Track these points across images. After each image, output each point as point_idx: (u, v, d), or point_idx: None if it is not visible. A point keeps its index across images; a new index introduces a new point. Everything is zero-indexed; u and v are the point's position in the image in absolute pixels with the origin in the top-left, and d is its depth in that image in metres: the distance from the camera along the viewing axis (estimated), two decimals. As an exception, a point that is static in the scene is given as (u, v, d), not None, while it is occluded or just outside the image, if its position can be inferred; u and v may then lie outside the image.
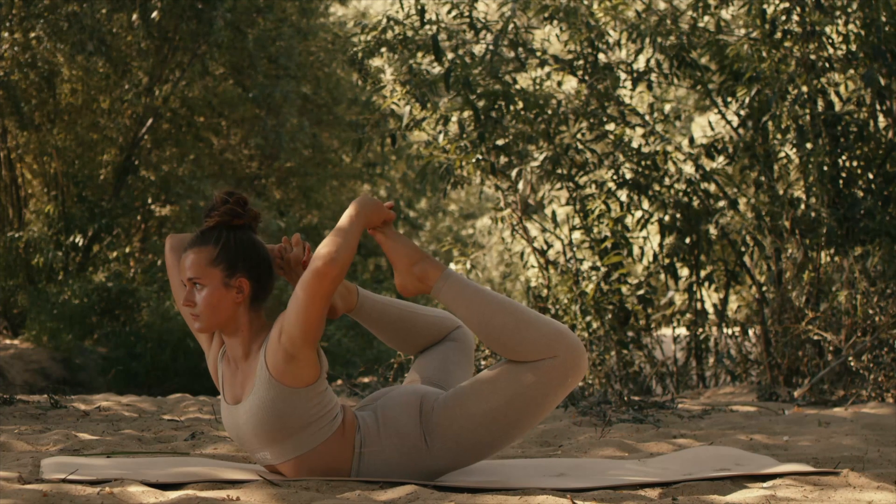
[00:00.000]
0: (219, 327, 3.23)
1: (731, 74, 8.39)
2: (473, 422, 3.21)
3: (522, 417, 3.23)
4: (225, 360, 3.30)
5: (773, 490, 3.07)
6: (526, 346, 3.19)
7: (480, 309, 3.22)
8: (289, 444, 3.17)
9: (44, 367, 13.38)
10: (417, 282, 3.31)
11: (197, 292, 3.19)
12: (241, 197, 3.24)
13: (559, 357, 3.19)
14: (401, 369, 7.72)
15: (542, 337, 3.19)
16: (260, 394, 3.14)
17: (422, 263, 3.30)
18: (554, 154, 8.68)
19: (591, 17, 8.66)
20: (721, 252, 9.09)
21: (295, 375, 3.10)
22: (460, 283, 3.28)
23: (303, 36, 17.97)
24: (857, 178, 8.11)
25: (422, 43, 8.70)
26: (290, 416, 3.13)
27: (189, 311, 3.21)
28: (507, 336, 3.20)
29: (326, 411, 3.17)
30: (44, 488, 2.94)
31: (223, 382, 3.30)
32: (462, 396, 3.24)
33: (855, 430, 4.77)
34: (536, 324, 3.21)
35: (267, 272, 3.24)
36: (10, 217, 16.14)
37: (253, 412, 3.16)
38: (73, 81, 16.15)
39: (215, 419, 5.59)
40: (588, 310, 8.31)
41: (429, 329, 3.55)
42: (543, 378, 3.20)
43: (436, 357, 3.54)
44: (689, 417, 5.72)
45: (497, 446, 3.28)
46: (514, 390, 3.20)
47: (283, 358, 3.09)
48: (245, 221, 3.25)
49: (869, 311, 7.03)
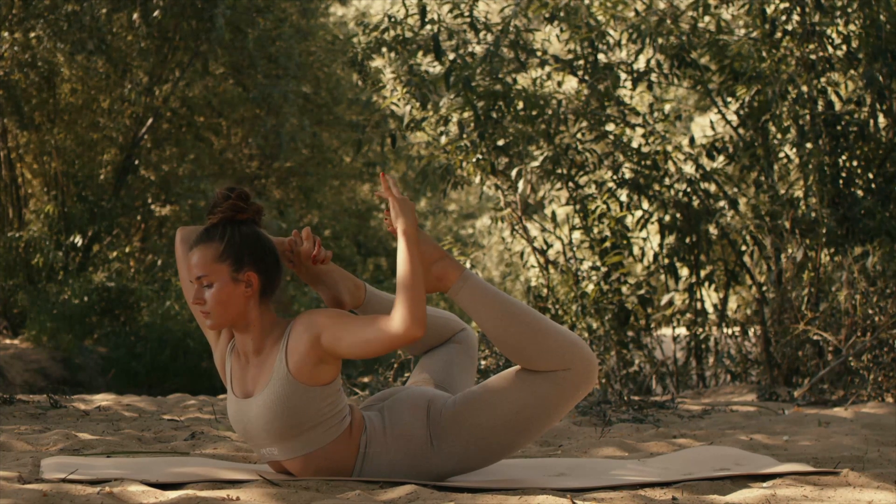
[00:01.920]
0: (230, 323, 3.21)
1: (732, 74, 8.39)
2: (482, 429, 3.21)
3: (532, 426, 3.23)
4: (234, 354, 3.29)
5: (773, 490, 3.07)
6: (542, 357, 3.18)
7: (498, 315, 3.21)
8: (298, 441, 3.17)
9: (44, 366, 13.38)
10: (436, 280, 3.27)
11: (206, 290, 3.18)
12: (242, 191, 3.22)
13: (572, 370, 3.19)
14: (401, 369, 7.72)
15: (558, 348, 3.18)
16: (276, 389, 3.13)
17: (441, 262, 3.28)
18: (554, 154, 8.68)
19: (591, 18, 8.66)
20: (721, 252, 9.09)
21: (315, 376, 3.11)
22: (479, 287, 3.26)
23: (303, 36, 17.97)
24: (857, 178, 8.11)
25: (422, 43, 8.70)
26: (303, 414, 3.12)
27: (199, 308, 3.20)
28: (523, 345, 3.19)
29: (337, 410, 3.17)
30: (44, 488, 2.94)
31: (231, 376, 3.29)
32: (472, 402, 3.23)
33: (855, 430, 4.77)
34: (553, 334, 3.20)
35: (274, 265, 3.22)
36: (10, 217, 16.14)
37: (267, 407, 3.15)
38: (73, 81, 16.15)
39: (215, 419, 5.59)
40: (588, 310, 8.31)
41: (435, 330, 3.53)
42: (556, 389, 3.19)
43: (440, 359, 3.53)
44: (689, 417, 5.72)
45: (504, 453, 3.28)
46: (525, 401, 3.19)
47: (312, 361, 3.09)
48: (248, 216, 3.23)
49: (868, 311, 7.03)
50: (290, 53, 17.31)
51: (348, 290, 3.39)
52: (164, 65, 16.44)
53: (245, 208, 3.21)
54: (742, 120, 8.56)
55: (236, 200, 3.20)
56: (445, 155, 8.65)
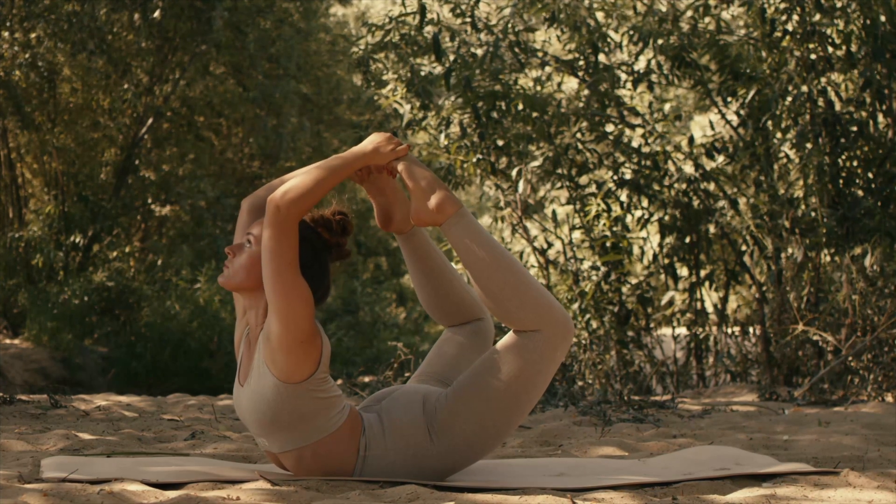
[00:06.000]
0: (236, 289, 3.23)
1: (732, 74, 8.39)
2: (478, 414, 3.20)
3: (522, 400, 3.21)
4: (246, 340, 3.30)
5: (773, 489, 3.07)
6: (520, 310, 3.17)
7: (487, 258, 3.19)
8: (284, 435, 3.16)
9: (44, 366, 13.37)
10: (434, 212, 3.26)
11: (245, 247, 3.22)
12: (349, 228, 3.27)
13: (545, 331, 3.18)
14: (401, 369, 7.72)
15: (537, 305, 3.18)
16: (255, 381, 3.15)
17: (441, 193, 3.27)
18: (554, 154, 8.68)
19: (591, 18, 8.66)
20: (721, 252, 9.09)
21: (288, 370, 3.09)
22: (474, 226, 3.24)
23: (303, 36, 17.97)
24: (856, 178, 8.11)
25: (423, 43, 8.70)
26: (279, 409, 3.11)
27: (227, 261, 3.24)
28: (505, 294, 3.18)
29: (323, 408, 3.15)
30: (44, 488, 2.94)
31: (241, 362, 3.30)
32: (462, 391, 3.22)
33: (855, 430, 4.77)
34: (535, 290, 3.19)
35: (313, 280, 3.19)
36: (11, 217, 16.14)
37: (248, 398, 3.18)
38: (73, 81, 16.15)
39: (215, 419, 5.59)
40: (588, 309, 8.31)
41: (460, 299, 3.49)
42: (536, 355, 3.17)
43: (449, 352, 3.48)
44: (689, 417, 5.72)
45: (502, 435, 3.26)
46: (511, 373, 3.18)
47: (274, 348, 3.08)
48: (333, 242, 3.26)
49: (868, 311, 7.03)
50: (291, 54, 17.31)
51: (402, 213, 3.42)
52: (165, 64, 16.44)
53: (342, 243, 3.26)
54: (742, 120, 8.57)
55: (344, 236, 3.26)
56: (447, 155, 8.65)
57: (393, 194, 3.44)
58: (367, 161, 3.26)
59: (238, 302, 3.36)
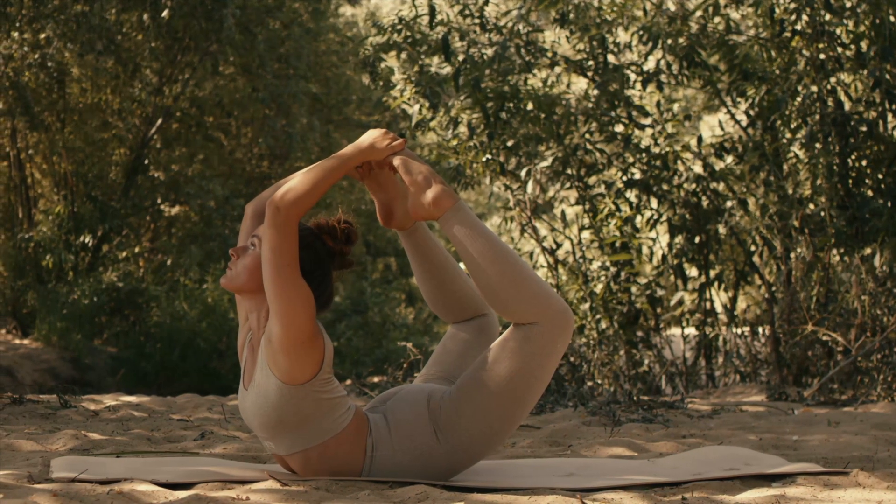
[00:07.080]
0: (239, 290, 3.24)
1: (741, 74, 8.38)
2: (481, 410, 3.19)
3: (525, 393, 3.21)
4: (249, 343, 3.30)
5: (782, 490, 3.07)
6: (517, 302, 3.17)
7: (484, 251, 3.19)
8: (290, 437, 3.16)
9: (53, 366, 13.40)
10: (430, 206, 3.25)
11: (249, 249, 3.24)
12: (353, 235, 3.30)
13: (543, 323, 3.17)
14: (410, 369, 7.72)
15: (534, 297, 3.17)
16: (259, 383, 3.15)
17: (438, 187, 3.27)
18: (563, 154, 8.68)
19: (600, 17, 8.66)
20: (730, 252, 9.08)
21: (291, 372, 3.09)
22: (470, 220, 3.24)
23: (312, 36, 17.97)
24: (866, 178, 8.10)
25: (433, 43, 8.70)
26: (284, 411, 3.11)
27: (231, 262, 3.26)
28: (503, 286, 3.17)
29: (328, 408, 3.15)
30: (53, 488, 2.95)
31: (245, 366, 3.30)
32: (465, 388, 3.22)
33: (864, 430, 4.76)
34: (533, 282, 3.19)
35: (315, 286, 3.20)
36: (20, 217, 16.17)
37: (252, 400, 3.18)
38: (82, 81, 16.18)
39: (225, 419, 5.60)
40: (597, 309, 8.30)
41: (464, 295, 3.49)
42: (536, 347, 3.17)
43: (455, 350, 3.48)
44: (699, 417, 5.71)
45: (507, 431, 3.26)
46: (512, 367, 3.17)
47: (275, 349, 3.09)
48: (336, 249, 3.28)
49: (877, 311, 7.02)
50: (300, 54, 17.31)
51: (403, 209, 3.42)
52: (174, 65, 16.46)
53: (346, 246, 3.29)
54: (751, 120, 8.56)
55: (348, 245, 3.29)
56: (456, 155, 8.66)
57: (394, 190, 3.44)
58: (364, 157, 3.27)
59: (240, 307, 3.36)
